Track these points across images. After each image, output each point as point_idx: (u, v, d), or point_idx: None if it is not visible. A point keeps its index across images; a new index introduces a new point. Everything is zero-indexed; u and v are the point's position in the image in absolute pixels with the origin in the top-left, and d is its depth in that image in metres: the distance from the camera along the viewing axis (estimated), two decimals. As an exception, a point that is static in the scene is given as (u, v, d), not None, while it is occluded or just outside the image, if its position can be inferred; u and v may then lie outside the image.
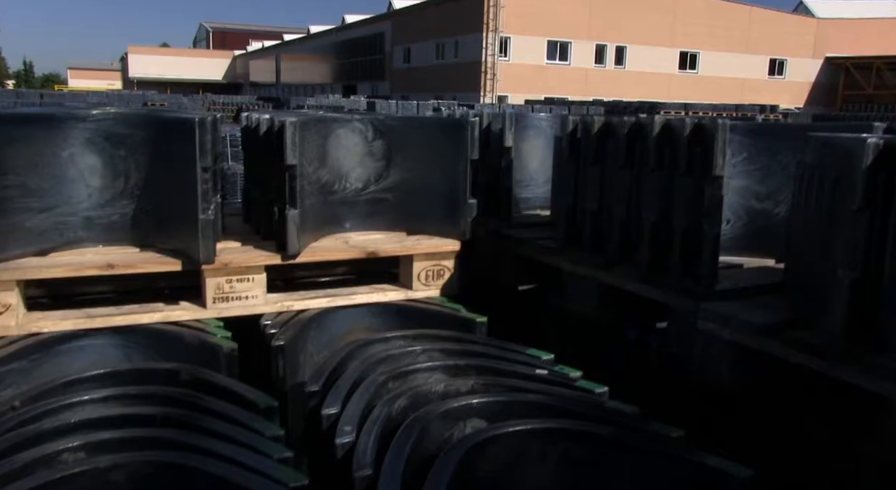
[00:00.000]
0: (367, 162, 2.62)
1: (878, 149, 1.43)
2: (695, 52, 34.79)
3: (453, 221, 2.54)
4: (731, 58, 34.88)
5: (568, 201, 2.34)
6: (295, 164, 2.24)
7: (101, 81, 62.81)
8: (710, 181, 1.82)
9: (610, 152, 2.15)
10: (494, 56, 31.08)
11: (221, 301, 2.26)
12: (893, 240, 1.42)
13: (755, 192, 2.24)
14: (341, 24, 47.21)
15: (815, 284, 1.61)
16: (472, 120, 2.43)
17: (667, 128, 1.95)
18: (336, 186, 2.59)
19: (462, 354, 1.94)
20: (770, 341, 1.61)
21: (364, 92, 38.66)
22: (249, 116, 2.66)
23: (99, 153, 2.25)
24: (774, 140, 2.20)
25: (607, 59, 33.52)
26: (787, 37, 35.55)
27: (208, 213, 2.13)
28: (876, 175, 1.43)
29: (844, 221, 1.49)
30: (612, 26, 32.31)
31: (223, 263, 2.23)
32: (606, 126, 2.16)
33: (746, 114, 22.83)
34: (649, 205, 2.00)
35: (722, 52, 34.70)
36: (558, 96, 28.65)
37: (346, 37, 44.49)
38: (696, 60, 35.07)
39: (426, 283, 2.51)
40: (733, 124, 2.22)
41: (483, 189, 2.83)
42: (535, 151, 3.07)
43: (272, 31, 66.44)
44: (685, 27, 33.58)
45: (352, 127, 2.59)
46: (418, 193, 2.61)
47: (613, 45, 33.22)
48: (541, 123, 3.07)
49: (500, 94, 31.25)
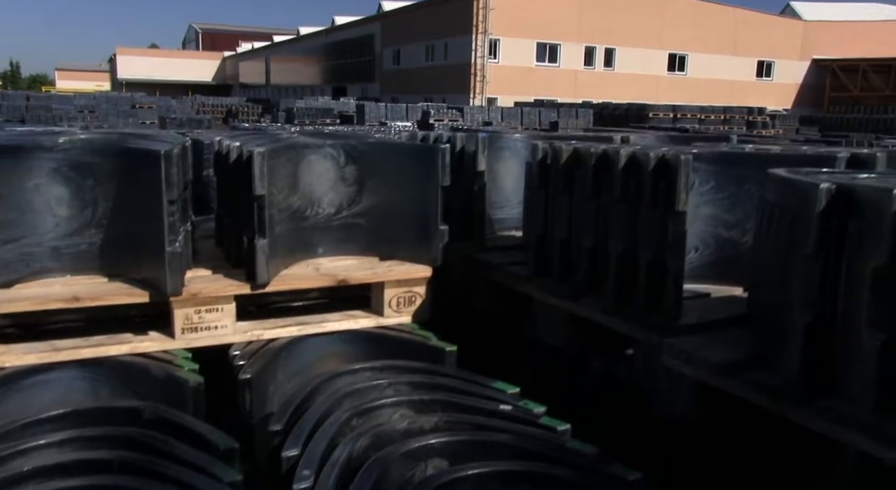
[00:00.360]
0: (339, 187, 2.62)
1: (830, 194, 1.44)
2: (683, 54, 34.94)
3: (425, 247, 2.54)
4: (719, 60, 35.06)
5: (538, 229, 2.34)
6: (263, 194, 2.23)
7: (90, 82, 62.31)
8: (673, 216, 1.83)
9: (578, 182, 2.15)
10: (484, 58, 31.12)
11: (190, 331, 2.24)
12: (846, 284, 1.43)
13: (723, 220, 2.25)
14: (331, 25, 47.12)
15: (775, 322, 1.62)
16: (443, 146, 2.43)
17: (632, 160, 1.96)
18: (308, 212, 2.58)
19: (428, 388, 1.94)
20: (729, 380, 1.62)
21: (354, 94, 38.60)
22: (221, 142, 2.65)
23: (66, 183, 2.23)
24: (741, 169, 2.21)
25: (596, 60, 33.63)
26: (775, 39, 35.77)
27: (175, 246, 2.11)
28: (829, 219, 1.44)
29: (799, 264, 1.50)
30: (601, 28, 32.41)
31: (192, 294, 2.22)
32: (575, 155, 2.17)
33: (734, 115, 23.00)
34: (615, 236, 2.01)
35: (710, 54, 34.88)
36: (548, 98, 28.71)
37: (336, 38, 44.41)
38: (685, 62, 35.23)
39: (397, 310, 2.51)
40: (700, 153, 2.24)
41: (457, 212, 2.83)
42: (511, 172, 3.08)
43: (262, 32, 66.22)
44: (673, 29, 33.72)
45: (323, 152, 2.59)
46: (391, 219, 2.61)
47: (602, 46, 33.32)
48: (516, 144, 3.08)
49: (489, 95, 31.28)
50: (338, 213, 2.63)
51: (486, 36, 30.79)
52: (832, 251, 1.45)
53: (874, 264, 1.36)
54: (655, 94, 32.62)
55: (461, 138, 2.80)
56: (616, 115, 22.22)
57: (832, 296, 1.46)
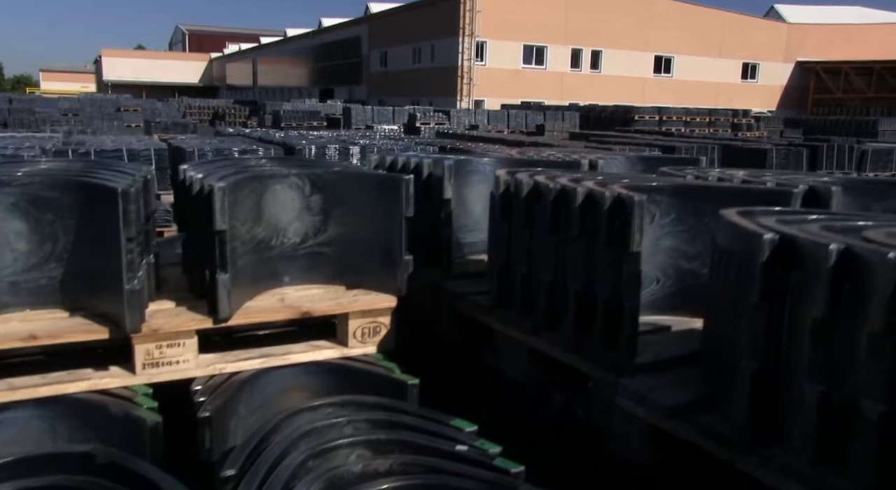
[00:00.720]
0: (304, 216, 2.61)
1: (773, 244, 1.45)
2: (669, 57, 35.15)
3: (390, 276, 2.54)
4: (704, 62, 35.30)
5: (500, 260, 2.35)
6: (224, 229, 2.22)
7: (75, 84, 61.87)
8: (628, 256, 1.84)
9: (538, 216, 2.16)
10: (471, 60, 31.15)
11: (151, 367, 2.23)
12: (788, 335, 1.45)
13: (684, 252, 2.27)
14: (318, 27, 47.00)
15: (724, 366, 1.63)
16: (407, 177, 2.43)
17: (589, 198, 1.97)
18: (273, 242, 2.58)
19: (387, 427, 1.94)
20: (680, 424, 1.63)
21: (341, 96, 38.57)
22: (185, 171, 2.64)
23: (24, 218, 2.22)
24: (701, 202, 2.22)
25: (583, 62, 33.76)
26: (760, 41, 36.06)
27: (134, 283, 2.10)
28: (772, 270, 1.45)
29: (746, 311, 1.52)
30: (588, 30, 32.54)
31: (152, 329, 2.21)
32: (535, 189, 2.17)
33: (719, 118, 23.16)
34: (574, 273, 2.02)
35: (696, 56, 35.12)
36: (534, 100, 28.80)
37: (323, 40, 44.31)
38: (671, 64, 35.45)
39: (362, 340, 2.50)
40: (660, 186, 2.25)
41: (424, 238, 2.83)
42: (480, 196, 3.08)
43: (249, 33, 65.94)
44: (659, 31, 33.92)
45: (289, 182, 2.58)
46: (356, 248, 2.61)
47: (589, 49, 33.47)
48: (485, 168, 3.08)
49: (476, 98, 31.33)
50: (304, 242, 2.63)
51: (473, 38, 30.83)
52: (776, 301, 1.47)
53: (814, 316, 1.37)
54: (642, 95, 32.82)
55: (428, 165, 2.80)
56: (602, 117, 22.31)
57: (776, 346, 1.47)
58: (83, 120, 17.21)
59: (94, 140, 7.25)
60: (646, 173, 3.28)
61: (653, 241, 2.26)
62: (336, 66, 42.31)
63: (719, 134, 19.42)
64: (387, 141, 8.92)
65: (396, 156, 3.03)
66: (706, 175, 2.60)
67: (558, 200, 2.07)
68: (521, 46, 32.28)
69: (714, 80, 35.46)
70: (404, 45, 35.23)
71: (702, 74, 35.25)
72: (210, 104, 32.85)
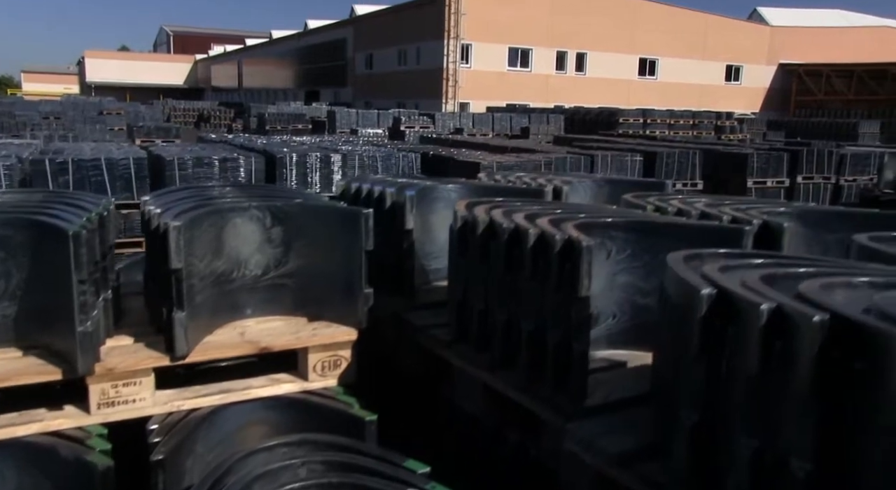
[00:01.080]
0: (265, 248, 2.61)
1: (710, 299, 1.46)
2: (654, 59, 35.34)
3: (351, 309, 2.54)
4: (688, 64, 35.52)
5: (459, 295, 2.36)
6: (180, 268, 2.21)
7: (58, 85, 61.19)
8: (576, 302, 1.85)
9: (493, 254, 2.17)
10: (456, 63, 31.17)
11: (107, 406, 2.22)
12: (726, 388, 1.46)
13: (639, 288, 2.28)
14: (304, 29, 46.83)
15: (668, 413, 1.65)
16: (366, 212, 2.43)
17: (541, 240, 1.98)
18: (234, 274, 2.57)
19: (340, 469, 1.94)
20: (624, 472, 1.64)
21: (327, 98, 38.46)
22: (145, 204, 2.62)
23: (-24, 256, 2.20)
24: (656, 238, 2.24)
25: (568, 65, 33.87)
26: (743, 44, 36.34)
27: (87, 325, 2.09)
28: (711, 323, 1.47)
29: (686, 362, 1.53)
30: (573, 33, 32.65)
31: (107, 369, 2.19)
32: (490, 227, 2.18)
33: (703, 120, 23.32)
34: (526, 313, 2.03)
35: (680, 59, 35.33)
36: (520, 103, 28.85)
37: (309, 42, 44.16)
38: (656, 67, 35.63)
39: (322, 374, 2.50)
40: (615, 222, 2.27)
41: (388, 267, 2.84)
42: (445, 223, 3.07)
43: (234, 35, 65.57)
44: (644, 34, 34.09)
45: (249, 215, 2.57)
46: (317, 280, 2.61)
47: (574, 51, 33.58)
48: (450, 195, 3.08)
49: (461, 100, 31.35)
50: (265, 274, 2.62)
51: (458, 41, 30.85)
52: (715, 354, 1.48)
53: (747, 372, 1.39)
54: (627, 98, 32.94)
55: (391, 194, 2.80)
56: (587, 119, 22.35)
57: (715, 398, 1.48)
58: (65, 123, 17.01)
59: (74, 148, 7.16)
60: (613, 197, 3.30)
61: (609, 277, 2.27)
62: (321, 68, 42.19)
63: (703, 136, 19.53)
64: (369, 147, 8.90)
65: (361, 184, 3.03)
66: (666, 205, 2.62)
67: (512, 240, 2.08)
68: (507, 49, 32.34)
69: (698, 82, 35.69)
70: (390, 47, 35.21)
71: (686, 76, 35.47)
72: (195, 106, 32.58)
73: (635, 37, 34.13)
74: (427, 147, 9.75)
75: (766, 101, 37.36)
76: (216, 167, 6.69)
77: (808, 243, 2.61)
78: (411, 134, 16.54)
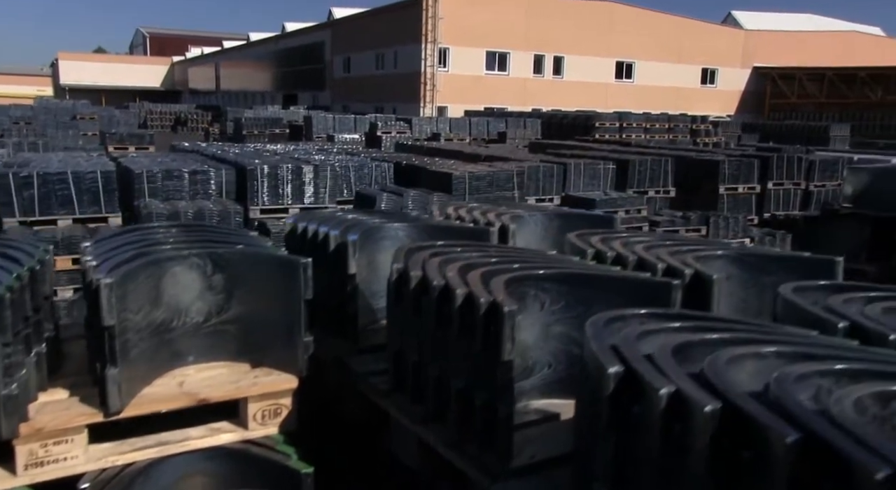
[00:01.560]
0: (206, 296, 2.60)
1: (618, 377, 1.49)
2: (630, 62, 35.61)
3: (292, 356, 2.54)
4: (665, 67, 35.84)
5: (396, 345, 2.36)
6: (112, 325, 2.19)
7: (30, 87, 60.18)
8: (500, 365, 1.86)
9: (425, 310, 2.18)
10: (434, 67, 31.17)
11: (35, 466, 2.19)
12: (633, 465, 1.49)
13: (574, 338, 2.30)
14: (281, 32, 46.56)
15: (585, 482, 1.67)
16: (305, 261, 2.43)
17: (468, 300, 1.99)
18: (175, 323, 2.56)
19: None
20: (540, 541, 1.66)
21: (305, 101, 38.26)
22: (84, 253, 2.60)
23: None
24: (589, 291, 2.26)
25: (545, 68, 34.02)
26: (718, 47, 36.75)
27: (11, 388, 2.06)
28: (618, 400, 1.49)
29: (598, 436, 1.55)
30: (550, 37, 32.81)
31: (36, 429, 2.17)
32: (422, 283, 2.19)
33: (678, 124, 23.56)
34: (455, 371, 2.04)
35: (656, 62, 35.64)
36: (498, 106, 28.95)
37: (287, 45, 43.93)
38: (632, 70, 35.91)
39: (263, 423, 2.50)
40: (548, 274, 2.29)
41: (333, 309, 2.84)
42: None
43: (211, 37, 64.99)
44: (620, 37, 34.35)
45: (189, 263, 2.56)
46: (259, 327, 2.60)
47: (551, 55, 33.74)
48: (397, 233, 3.09)
49: (439, 104, 31.37)
50: (207, 320, 2.61)
51: (436, 44, 30.85)
52: (623, 429, 1.51)
53: (651, 452, 1.41)
54: (604, 100, 33.17)
55: (334, 237, 2.80)
56: (564, 124, 22.47)
57: (623, 475, 1.51)
58: (36, 129, 16.68)
59: (41, 159, 7.04)
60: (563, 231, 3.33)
61: (544, 327, 2.30)
62: (299, 71, 41.98)
63: (678, 140, 19.71)
64: (343, 156, 8.88)
65: (307, 224, 3.03)
66: (606, 249, 2.65)
67: (442, 297, 2.09)
68: (484, 53, 32.41)
69: (674, 85, 36.03)
70: (368, 50, 35.13)
71: (662, 80, 35.79)
72: (172, 109, 32.28)
73: (612, 40, 34.38)
74: (401, 156, 9.77)
75: (741, 104, 37.81)
76: (186, 180, 6.62)
77: (745, 286, 2.65)
78: (388, 139, 16.51)
